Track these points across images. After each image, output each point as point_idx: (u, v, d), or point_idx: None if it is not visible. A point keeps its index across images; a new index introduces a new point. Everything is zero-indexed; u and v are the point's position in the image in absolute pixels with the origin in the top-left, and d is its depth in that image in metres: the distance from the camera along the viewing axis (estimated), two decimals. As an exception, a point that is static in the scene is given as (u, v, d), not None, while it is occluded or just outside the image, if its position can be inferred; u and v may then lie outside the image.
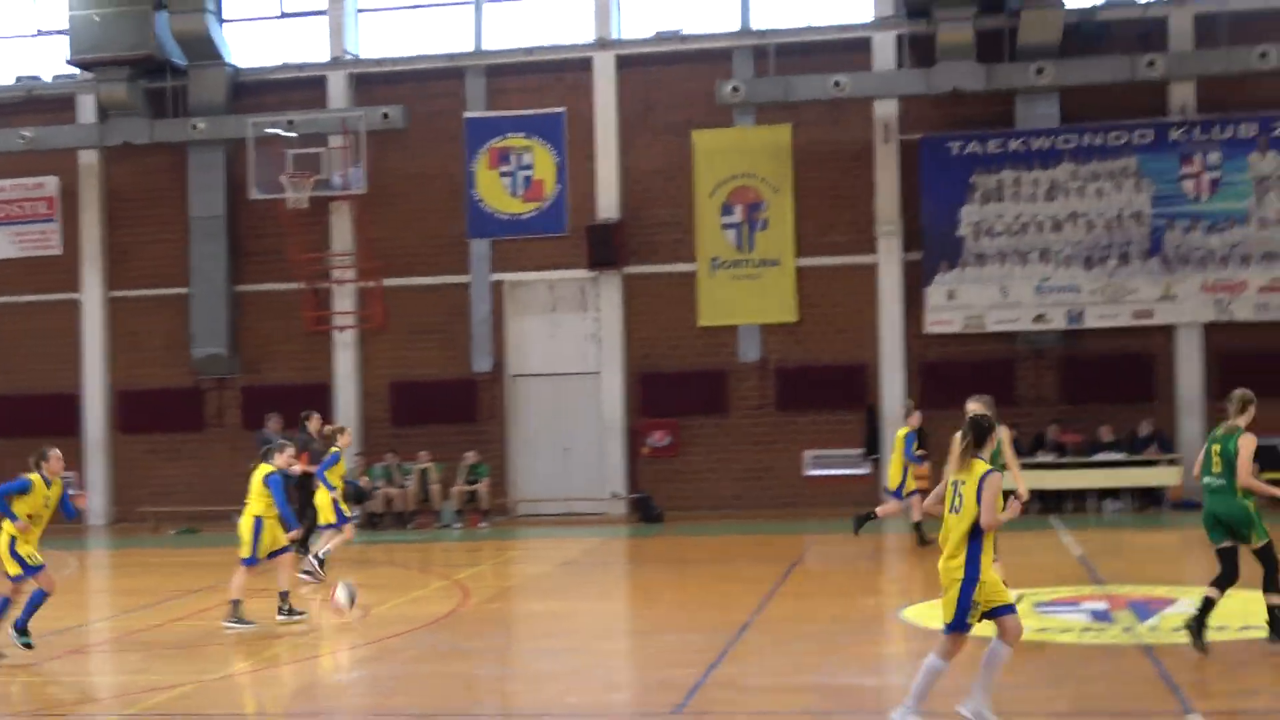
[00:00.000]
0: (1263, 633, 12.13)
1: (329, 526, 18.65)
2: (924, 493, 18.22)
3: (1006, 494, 9.39)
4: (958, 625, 9.18)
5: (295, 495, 19.43)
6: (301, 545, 18.99)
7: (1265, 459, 24.99)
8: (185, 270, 29.37)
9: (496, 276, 28.53)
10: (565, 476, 28.31)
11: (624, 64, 28.16)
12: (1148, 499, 25.46)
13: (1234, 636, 12.48)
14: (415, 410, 28.58)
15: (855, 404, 27.25)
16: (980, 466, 9.19)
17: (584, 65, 28.28)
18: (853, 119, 27.32)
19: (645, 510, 26.90)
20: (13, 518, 13.46)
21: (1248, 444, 11.93)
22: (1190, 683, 10.80)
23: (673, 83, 28.05)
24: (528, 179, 28.32)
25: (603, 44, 28.18)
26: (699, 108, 27.60)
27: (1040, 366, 26.89)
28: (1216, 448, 12.12)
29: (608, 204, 28.02)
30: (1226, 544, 12.05)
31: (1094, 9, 26.53)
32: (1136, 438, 25.65)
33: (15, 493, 13.53)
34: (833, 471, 27.23)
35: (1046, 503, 25.22)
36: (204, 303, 29.09)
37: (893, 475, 20.28)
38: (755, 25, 27.87)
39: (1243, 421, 12.05)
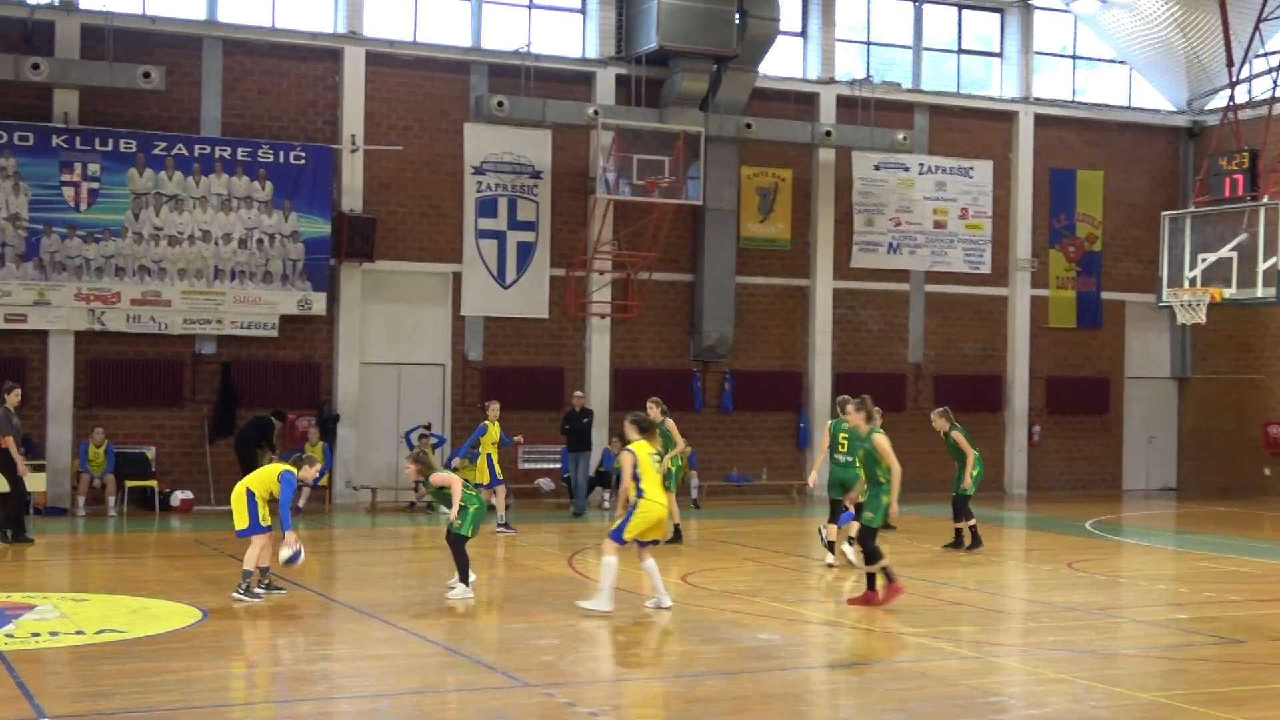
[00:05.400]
0: (117, 636, 12.59)
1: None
2: None
3: None
4: None
5: None
6: None
7: (130, 468, 25.97)
8: None
9: None
10: None
11: None
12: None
13: (91, 640, 12.83)
14: None
15: None
16: None
17: None
18: None
19: None
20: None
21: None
22: (45, 689, 10.94)
23: None
24: None
25: None
26: None
27: (-97, 367, 25.56)
28: (844, 436, 17.51)
29: None
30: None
31: (-18, 2, 25.82)
32: None
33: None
34: None
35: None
36: None
37: None
38: None
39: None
